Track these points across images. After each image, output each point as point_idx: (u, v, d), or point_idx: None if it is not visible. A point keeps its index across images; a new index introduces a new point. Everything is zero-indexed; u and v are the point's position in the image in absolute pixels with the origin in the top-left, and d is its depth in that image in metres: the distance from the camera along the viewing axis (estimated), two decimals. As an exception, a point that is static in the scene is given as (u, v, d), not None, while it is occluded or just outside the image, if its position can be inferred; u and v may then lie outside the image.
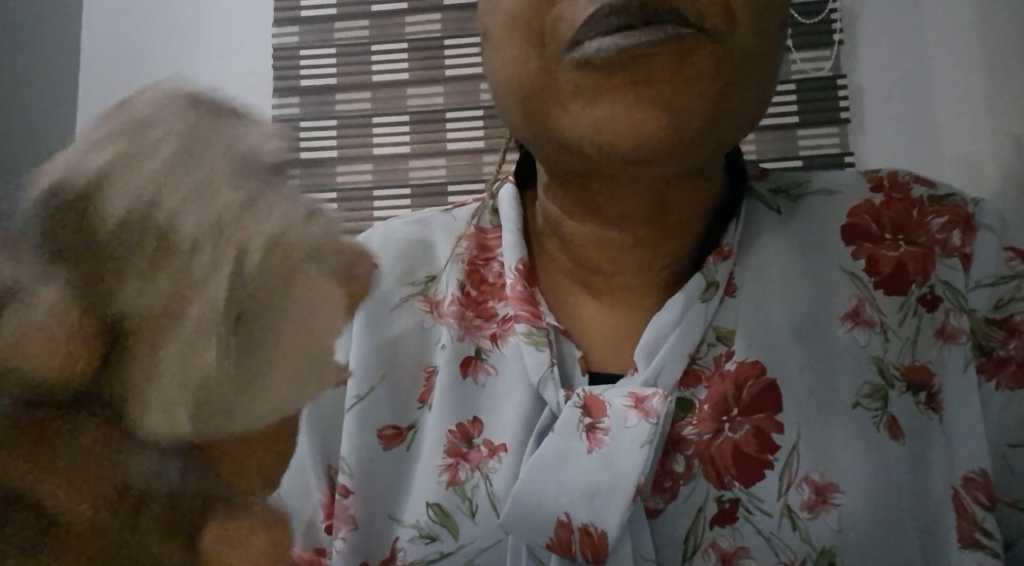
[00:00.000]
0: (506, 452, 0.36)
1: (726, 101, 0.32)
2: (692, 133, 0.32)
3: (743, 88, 0.33)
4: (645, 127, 0.31)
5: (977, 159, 1.27)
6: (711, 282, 0.37)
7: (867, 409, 0.35)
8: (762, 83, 0.34)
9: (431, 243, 0.44)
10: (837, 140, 1.32)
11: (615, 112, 0.31)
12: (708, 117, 0.32)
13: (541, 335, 0.38)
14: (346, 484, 0.38)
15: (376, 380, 0.40)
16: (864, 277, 0.37)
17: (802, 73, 1.33)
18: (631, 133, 0.31)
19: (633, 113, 0.31)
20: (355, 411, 0.39)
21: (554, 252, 0.42)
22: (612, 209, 0.38)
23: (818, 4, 1.33)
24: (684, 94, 0.31)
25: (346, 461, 0.39)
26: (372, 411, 0.39)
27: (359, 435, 0.39)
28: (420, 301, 0.42)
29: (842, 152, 1.32)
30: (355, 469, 0.38)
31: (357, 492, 0.38)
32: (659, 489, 0.34)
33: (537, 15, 0.33)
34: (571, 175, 0.38)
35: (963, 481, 0.33)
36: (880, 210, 0.39)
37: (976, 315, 0.36)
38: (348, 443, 0.39)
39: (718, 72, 0.32)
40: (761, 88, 0.35)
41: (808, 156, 1.32)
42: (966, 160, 1.27)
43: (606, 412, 0.34)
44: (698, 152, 0.34)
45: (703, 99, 0.31)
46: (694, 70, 0.31)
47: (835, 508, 0.32)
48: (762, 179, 0.43)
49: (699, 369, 0.36)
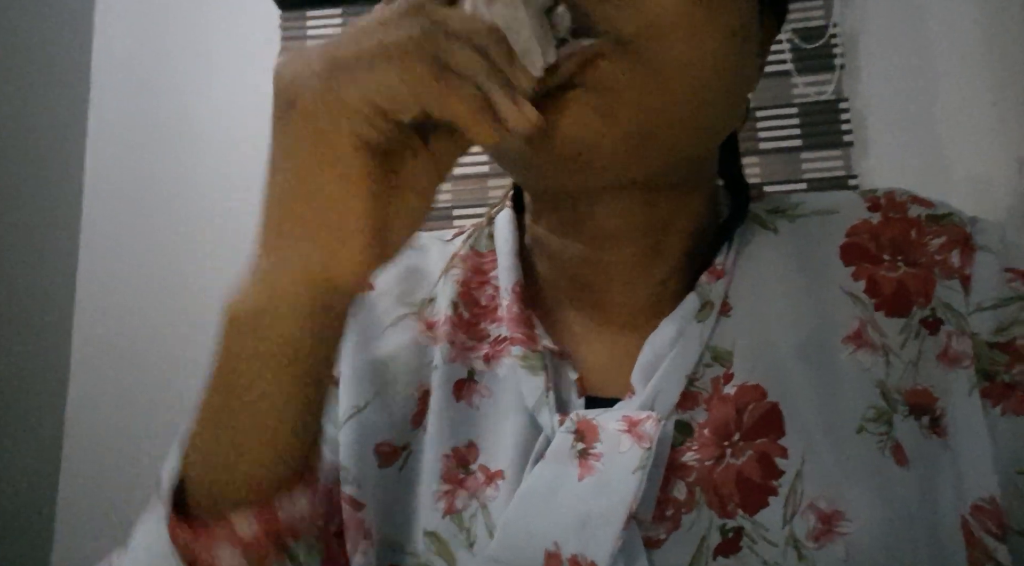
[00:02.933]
0: (503, 479, 0.36)
1: (662, 113, 0.32)
2: (624, 138, 0.32)
3: (682, 103, 0.33)
4: (575, 127, 0.32)
5: (985, 181, 1.26)
6: (705, 301, 0.37)
7: (872, 434, 0.34)
8: (711, 94, 0.34)
9: (428, 271, 0.45)
10: (841, 162, 1.33)
11: (549, 116, 0.32)
12: (638, 126, 0.32)
13: (537, 358, 0.37)
14: (354, 496, 0.38)
15: (371, 395, 0.40)
16: (865, 298, 0.37)
17: (804, 97, 1.34)
18: (564, 133, 0.32)
19: (564, 115, 0.32)
20: (353, 422, 0.39)
21: (548, 274, 0.42)
22: (596, 228, 0.38)
23: (818, 29, 1.35)
24: (608, 101, 0.32)
25: (349, 472, 0.38)
26: (369, 424, 0.39)
27: (358, 446, 0.39)
28: (414, 320, 0.42)
29: (846, 174, 1.32)
30: (361, 480, 0.38)
31: (368, 505, 0.38)
32: (660, 518, 0.33)
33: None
34: (549, 194, 0.38)
35: (972, 509, 0.32)
36: (878, 230, 0.39)
37: (978, 338, 0.35)
38: (347, 453, 0.39)
39: (633, 85, 0.32)
40: (712, 99, 0.34)
41: (812, 179, 1.32)
42: (975, 182, 1.27)
43: (599, 437, 0.33)
44: (651, 163, 0.34)
45: (628, 108, 0.32)
46: (611, 81, 0.32)
47: (842, 537, 0.32)
48: (758, 200, 0.43)
49: (697, 391, 0.36)
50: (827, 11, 1.35)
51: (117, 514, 1.34)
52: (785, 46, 1.35)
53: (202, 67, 1.49)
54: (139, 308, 1.42)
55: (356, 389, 0.40)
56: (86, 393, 1.40)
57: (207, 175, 1.45)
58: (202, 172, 1.45)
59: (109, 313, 1.42)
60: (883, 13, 1.36)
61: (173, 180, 1.46)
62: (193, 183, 1.45)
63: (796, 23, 1.36)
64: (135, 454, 1.36)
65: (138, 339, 1.41)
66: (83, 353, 1.41)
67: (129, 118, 1.49)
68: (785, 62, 1.35)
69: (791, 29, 1.35)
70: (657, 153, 0.34)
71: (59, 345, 1.40)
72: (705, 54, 0.33)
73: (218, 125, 1.47)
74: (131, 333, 1.41)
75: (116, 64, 1.51)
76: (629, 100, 0.32)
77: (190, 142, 1.47)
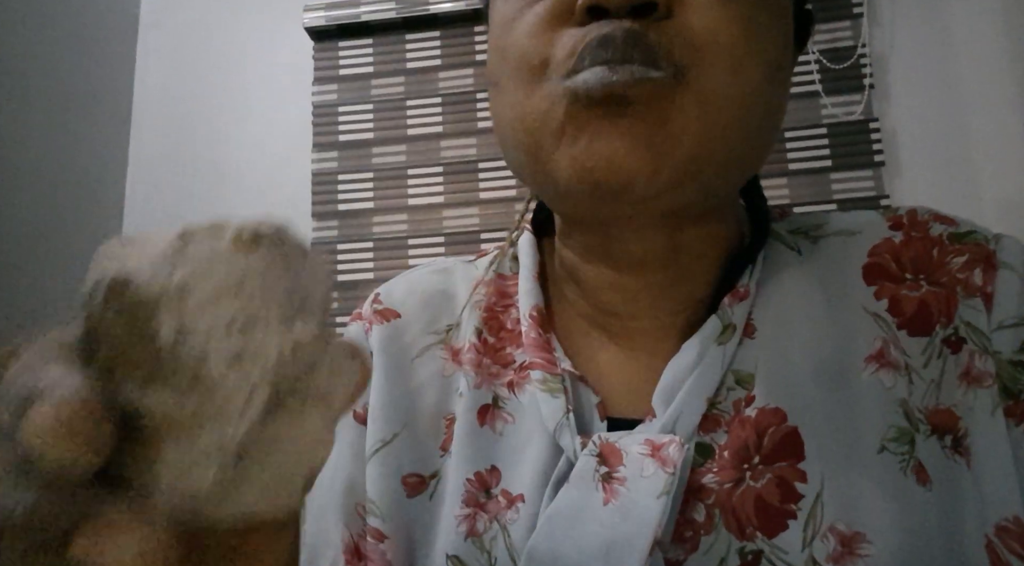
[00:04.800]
0: (524, 502, 0.36)
1: (707, 144, 0.32)
2: (669, 171, 0.32)
3: (727, 133, 0.33)
4: (621, 158, 0.32)
5: (1018, 199, 1.24)
6: (727, 324, 0.37)
7: (894, 454, 0.34)
8: (751, 131, 0.34)
9: (452, 293, 0.45)
10: (872, 183, 1.31)
11: (595, 143, 0.32)
12: (685, 157, 0.32)
13: (556, 381, 0.38)
14: (379, 528, 0.38)
15: (399, 427, 0.40)
16: (888, 317, 0.37)
17: (833, 117, 1.33)
18: (607, 163, 0.32)
19: (610, 144, 0.32)
20: (380, 456, 0.40)
21: (572, 297, 0.42)
22: (625, 253, 0.38)
23: (847, 50, 1.34)
24: (658, 132, 0.32)
25: (376, 504, 0.39)
26: (396, 457, 0.40)
27: (384, 480, 0.39)
28: (441, 349, 0.43)
29: (877, 195, 1.30)
30: (385, 513, 0.38)
31: (392, 537, 0.38)
32: (679, 539, 0.33)
33: (541, 49, 0.34)
34: (580, 220, 0.38)
35: (996, 530, 0.32)
36: (900, 250, 0.38)
37: (1000, 357, 0.34)
38: (374, 487, 0.39)
39: (687, 115, 0.32)
40: (751, 135, 0.34)
41: (842, 199, 1.31)
42: (1008, 201, 1.24)
43: (622, 461, 0.33)
44: (688, 193, 0.34)
45: (677, 139, 0.32)
46: (662, 112, 0.32)
47: (863, 559, 0.31)
48: (781, 220, 0.43)
49: (718, 414, 0.36)
50: (855, 31, 1.35)
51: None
52: (813, 67, 1.35)
53: (238, 100, 1.54)
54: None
55: (383, 422, 0.40)
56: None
57: (244, 204, 1.49)
58: (238, 201, 1.49)
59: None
60: (912, 33, 1.35)
61: (210, 210, 1.50)
62: (230, 212, 1.48)
63: (824, 44, 1.35)
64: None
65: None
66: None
67: (167, 150, 1.53)
68: (813, 82, 1.34)
69: (819, 50, 1.35)
70: (697, 186, 0.34)
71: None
72: (751, 85, 0.33)
73: (253, 156, 1.51)
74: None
75: (155, 99, 1.57)
76: (679, 132, 0.32)
77: (226, 172, 1.51)
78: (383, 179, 1.45)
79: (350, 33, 1.50)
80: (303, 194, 1.47)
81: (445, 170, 1.44)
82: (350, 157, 1.47)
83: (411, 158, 1.45)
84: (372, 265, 1.43)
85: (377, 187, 1.45)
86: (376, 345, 0.43)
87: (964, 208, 0.39)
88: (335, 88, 1.50)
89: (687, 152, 0.32)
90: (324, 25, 1.49)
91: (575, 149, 0.33)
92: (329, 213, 1.46)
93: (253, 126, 1.52)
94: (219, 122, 1.53)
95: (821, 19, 1.36)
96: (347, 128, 1.48)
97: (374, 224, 1.44)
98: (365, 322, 0.44)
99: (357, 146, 1.47)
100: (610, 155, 0.32)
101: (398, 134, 1.47)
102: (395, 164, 1.46)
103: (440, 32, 1.48)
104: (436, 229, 1.42)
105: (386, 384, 0.41)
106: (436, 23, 1.48)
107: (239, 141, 1.52)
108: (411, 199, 1.44)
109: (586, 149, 0.32)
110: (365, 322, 0.44)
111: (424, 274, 0.47)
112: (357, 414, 0.42)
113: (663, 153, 0.32)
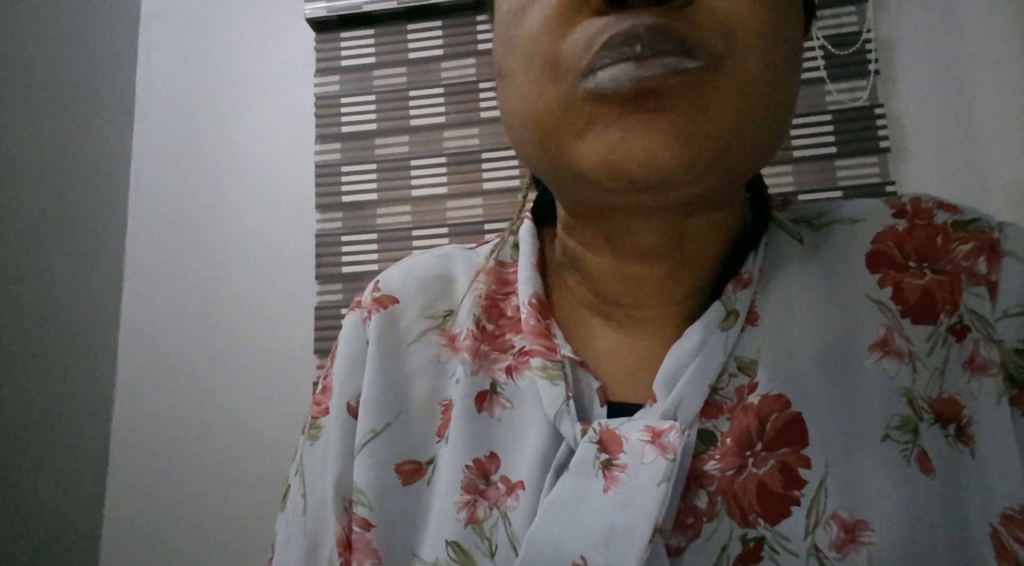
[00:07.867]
0: (524, 490, 0.36)
1: (740, 131, 0.32)
2: (704, 162, 0.32)
3: (757, 118, 0.32)
4: (656, 153, 0.31)
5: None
6: (731, 310, 0.37)
7: (897, 442, 0.33)
8: (776, 115, 0.34)
9: (451, 278, 0.45)
10: (877, 169, 1.30)
11: (627, 138, 0.31)
12: (721, 147, 0.32)
13: (556, 368, 0.38)
14: (366, 517, 0.38)
15: (393, 416, 0.40)
16: (892, 306, 0.37)
17: (838, 104, 1.32)
18: (642, 158, 0.31)
19: (645, 139, 0.31)
20: (370, 447, 0.40)
21: (573, 285, 0.42)
22: (630, 242, 0.38)
23: (852, 35, 1.33)
24: (695, 124, 0.31)
25: (364, 495, 0.39)
26: (389, 446, 0.40)
27: (375, 470, 0.39)
28: (437, 334, 0.43)
29: (883, 181, 1.29)
30: (374, 502, 0.38)
31: (379, 526, 0.38)
32: (681, 526, 0.33)
33: (552, 44, 0.32)
34: (589, 208, 0.38)
35: (1002, 518, 0.32)
36: (903, 237, 0.38)
37: (1005, 346, 0.34)
38: (363, 477, 0.39)
39: (726, 103, 0.31)
40: (775, 120, 0.34)
41: (848, 186, 1.30)
42: (1014, 187, 1.23)
43: (623, 448, 0.33)
44: (711, 181, 0.33)
45: (714, 129, 0.31)
46: (701, 102, 0.31)
47: (865, 547, 0.31)
48: (784, 208, 0.43)
49: (721, 400, 0.36)
50: (860, 17, 1.34)
51: (161, 539, 1.36)
52: (818, 53, 1.34)
53: (240, 91, 1.54)
54: (182, 330, 1.45)
55: (376, 412, 0.40)
56: (130, 417, 1.43)
57: (247, 197, 1.49)
58: (242, 194, 1.49)
59: (152, 336, 1.46)
60: (918, 18, 1.34)
61: (214, 203, 1.50)
62: (233, 205, 1.49)
63: (828, 30, 1.34)
64: (180, 478, 1.39)
65: (181, 362, 1.44)
66: (127, 377, 1.45)
67: (170, 143, 1.54)
68: (818, 69, 1.33)
69: (823, 36, 1.34)
70: (724, 172, 0.33)
71: (104, 370, 1.44)
72: (783, 77, 0.33)
73: (256, 148, 1.51)
74: (175, 355, 1.44)
75: (158, 91, 1.57)
76: (718, 120, 0.31)
77: (229, 165, 1.51)
78: (386, 170, 1.45)
79: (352, 23, 1.49)
80: (306, 186, 1.47)
81: (448, 161, 1.43)
82: (353, 148, 1.47)
83: (414, 149, 1.45)
84: (376, 256, 1.43)
85: (380, 178, 1.45)
86: (373, 335, 0.43)
87: (970, 194, 0.39)
88: (337, 79, 1.49)
89: (724, 140, 0.31)
90: (325, 16, 1.48)
91: (603, 144, 0.32)
92: (333, 205, 1.46)
93: (256, 118, 1.52)
94: (222, 115, 1.53)
95: (826, 4, 1.34)
96: (350, 119, 1.48)
97: (378, 215, 1.44)
98: (364, 311, 0.45)
99: (360, 137, 1.47)
100: (645, 149, 0.31)
101: (401, 125, 1.46)
102: (398, 155, 1.45)
103: (442, 22, 1.47)
104: (440, 220, 1.42)
105: (380, 374, 0.41)
106: (438, 12, 1.47)
107: (242, 133, 1.52)
108: (415, 190, 1.44)
109: (619, 144, 0.31)
110: (364, 311, 0.45)
111: (424, 259, 0.47)
112: (350, 407, 0.42)
113: (700, 144, 0.31)
